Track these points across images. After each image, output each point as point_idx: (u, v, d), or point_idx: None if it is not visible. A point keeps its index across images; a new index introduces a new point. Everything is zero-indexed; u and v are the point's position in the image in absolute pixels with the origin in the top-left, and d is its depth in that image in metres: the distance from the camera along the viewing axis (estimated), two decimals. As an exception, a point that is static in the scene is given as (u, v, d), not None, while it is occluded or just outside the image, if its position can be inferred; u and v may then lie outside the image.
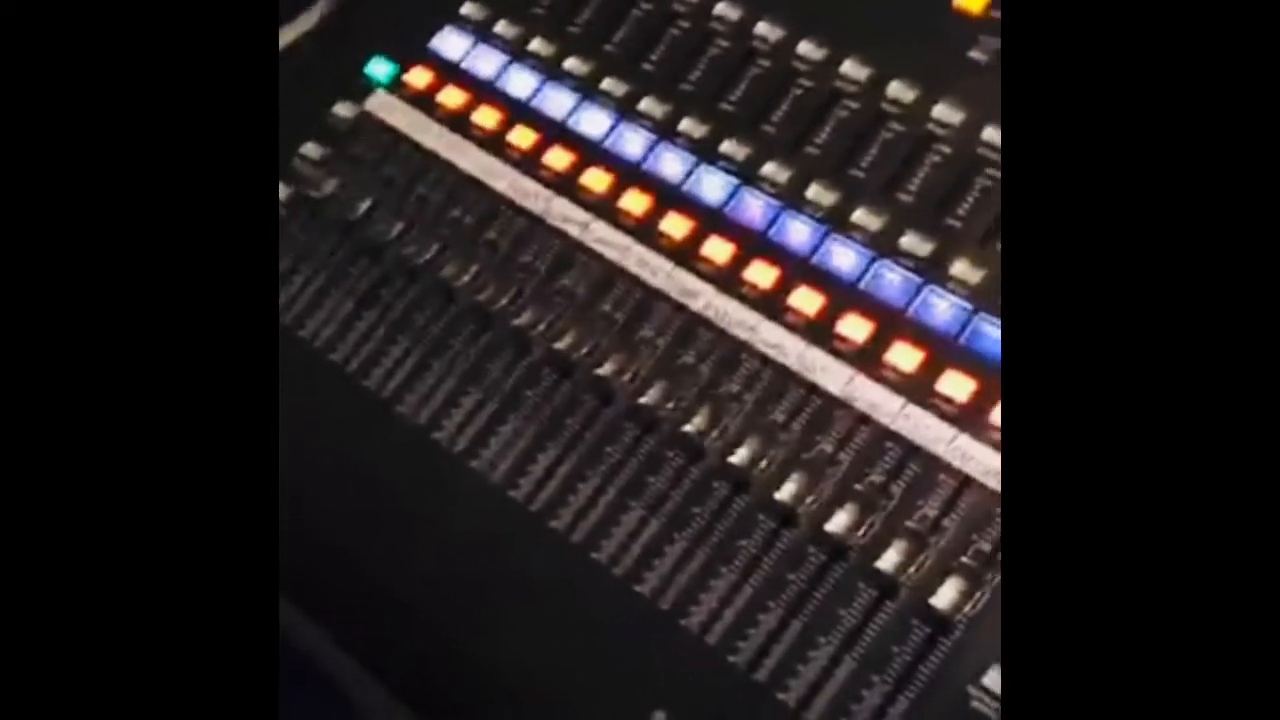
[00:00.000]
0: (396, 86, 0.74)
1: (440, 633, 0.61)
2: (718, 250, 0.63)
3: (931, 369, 0.58)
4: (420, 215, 0.69)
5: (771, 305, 0.61)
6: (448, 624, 0.61)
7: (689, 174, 0.65)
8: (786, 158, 0.64)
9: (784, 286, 0.61)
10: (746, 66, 0.67)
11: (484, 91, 0.71)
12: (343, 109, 0.74)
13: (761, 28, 0.67)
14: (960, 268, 0.59)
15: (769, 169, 0.64)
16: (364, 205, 0.70)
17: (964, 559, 0.54)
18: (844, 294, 0.60)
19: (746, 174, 0.64)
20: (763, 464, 0.58)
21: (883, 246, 0.61)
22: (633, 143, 0.67)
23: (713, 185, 0.64)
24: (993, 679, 0.52)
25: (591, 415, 0.62)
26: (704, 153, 0.65)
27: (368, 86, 0.74)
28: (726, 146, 0.65)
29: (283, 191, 0.73)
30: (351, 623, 0.63)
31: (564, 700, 0.58)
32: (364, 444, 0.66)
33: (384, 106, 0.74)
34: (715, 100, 0.67)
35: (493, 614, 0.60)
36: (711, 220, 0.64)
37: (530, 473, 0.62)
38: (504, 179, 0.69)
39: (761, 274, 0.62)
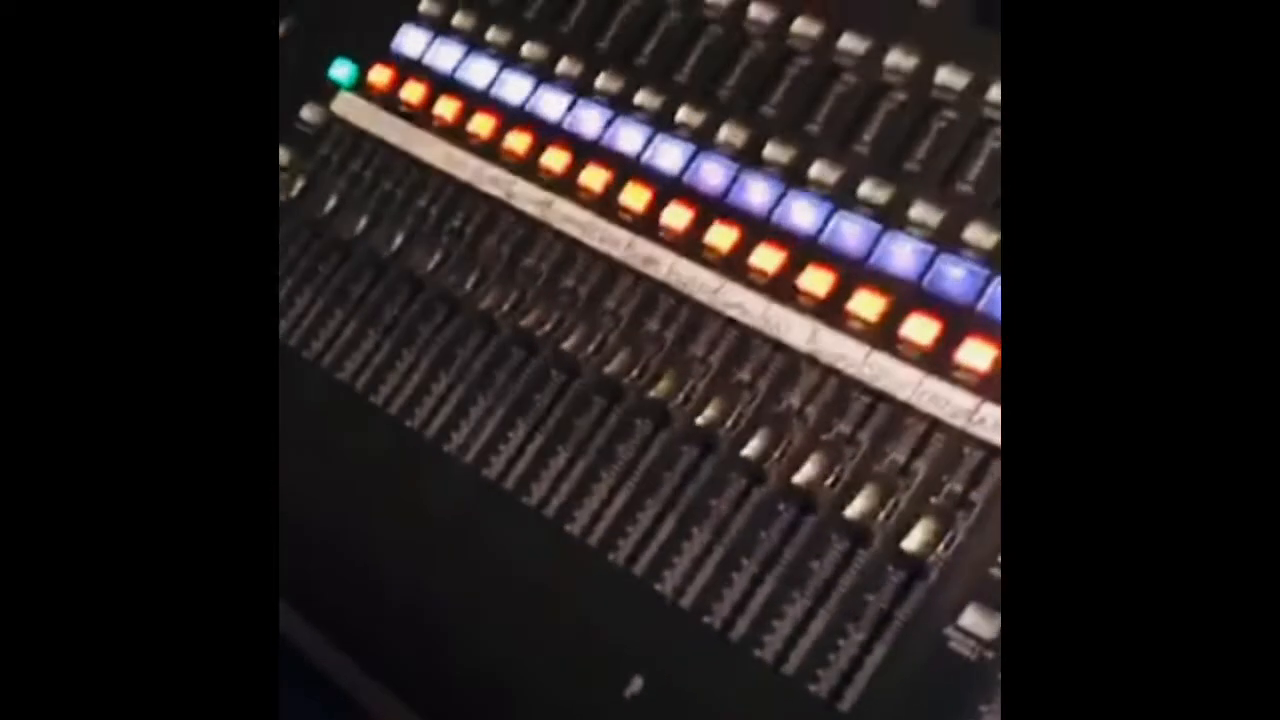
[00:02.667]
0: (359, 86, 0.74)
1: (413, 608, 0.60)
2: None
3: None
4: (385, 209, 0.70)
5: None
6: (422, 601, 0.60)
7: (648, 144, 0.65)
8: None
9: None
10: (697, 38, 0.66)
11: (443, 83, 0.72)
12: (309, 112, 0.75)
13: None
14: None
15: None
16: (330, 203, 0.71)
17: (934, 500, 0.53)
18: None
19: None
20: (729, 423, 0.57)
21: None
22: (590, 121, 0.67)
23: (671, 154, 0.64)
24: (970, 619, 0.51)
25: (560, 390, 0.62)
26: (661, 124, 0.65)
27: (333, 89, 0.75)
28: (683, 113, 0.65)
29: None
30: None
31: (542, 670, 0.57)
32: (344, 435, 0.66)
33: (348, 106, 0.74)
34: (670, 73, 0.66)
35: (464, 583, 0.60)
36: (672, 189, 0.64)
37: (502, 451, 0.61)
38: (466, 167, 0.69)
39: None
